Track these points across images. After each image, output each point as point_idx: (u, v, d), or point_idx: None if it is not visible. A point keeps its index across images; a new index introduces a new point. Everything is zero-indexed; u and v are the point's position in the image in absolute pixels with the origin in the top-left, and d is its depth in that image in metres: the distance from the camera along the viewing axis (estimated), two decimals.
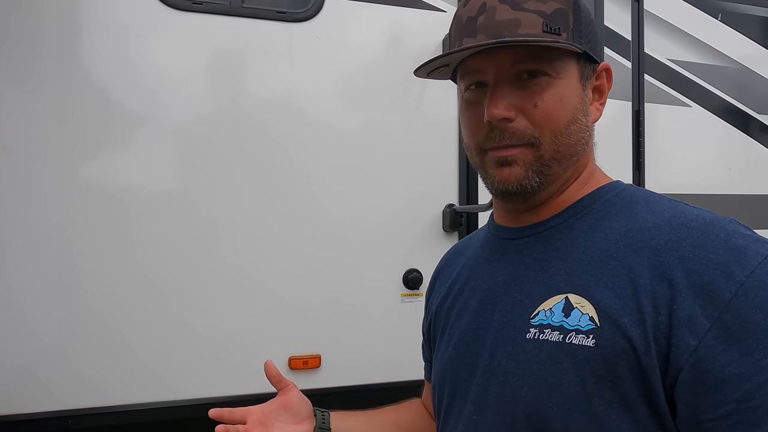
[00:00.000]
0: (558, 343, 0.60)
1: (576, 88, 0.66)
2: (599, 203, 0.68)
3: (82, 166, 1.67)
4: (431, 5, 1.96)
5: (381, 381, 1.90)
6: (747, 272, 0.53)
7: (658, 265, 0.57)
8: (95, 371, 1.65)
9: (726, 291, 0.53)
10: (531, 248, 0.69)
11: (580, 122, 0.67)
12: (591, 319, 0.58)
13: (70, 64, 1.66)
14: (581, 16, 0.66)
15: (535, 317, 0.63)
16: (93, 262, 1.66)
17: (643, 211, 0.64)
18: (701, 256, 0.56)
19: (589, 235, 0.65)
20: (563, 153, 0.66)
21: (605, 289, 0.59)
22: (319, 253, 1.85)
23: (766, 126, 2.41)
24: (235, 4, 1.78)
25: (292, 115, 1.83)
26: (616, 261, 0.60)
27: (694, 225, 0.59)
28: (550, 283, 0.64)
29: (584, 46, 0.65)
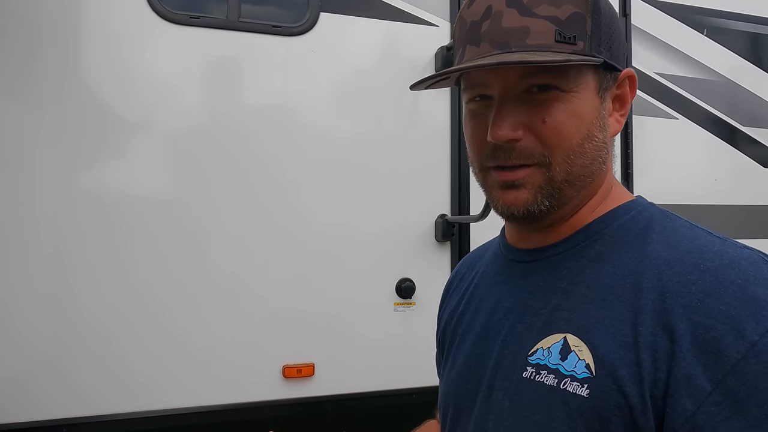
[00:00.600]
0: (552, 387, 0.55)
1: (592, 102, 0.59)
2: (612, 228, 0.61)
3: (76, 176, 1.69)
4: (423, 20, 2.01)
5: (374, 389, 1.92)
6: (762, 330, 0.46)
7: (662, 312, 0.51)
8: (89, 380, 1.66)
9: (734, 351, 0.46)
10: (537, 275, 0.64)
11: (597, 139, 0.60)
12: (587, 367, 0.53)
13: (67, 78, 1.68)
14: (601, 20, 0.58)
15: (533, 355, 0.59)
16: (86, 272, 1.67)
17: (657, 242, 0.57)
18: (710, 305, 0.48)
19: (597, 267, 0.59)
20: (577, 174, 0.59)
21: (605, 334, 0.53)
22: (312, 262, 1.87)
23: (751, 138, 2.47)
24: (232, 18, 1.82)
25: (287, 126, 1.87)
26: (620, 302, 0.54)
27: (708, 266, 0.51)
28: (551, 319, 0.59)
29: (604, 54, 0.58)
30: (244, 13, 1.83)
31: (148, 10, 1.75)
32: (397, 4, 1.97)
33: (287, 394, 1.83)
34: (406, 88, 2.08)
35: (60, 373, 1.64)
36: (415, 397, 1.97)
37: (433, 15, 2.02)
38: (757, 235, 2.42)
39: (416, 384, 1.97)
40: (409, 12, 1.99)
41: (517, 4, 0.56)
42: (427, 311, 1.98)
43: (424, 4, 2.00)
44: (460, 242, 2.02)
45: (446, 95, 2.03)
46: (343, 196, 1.91)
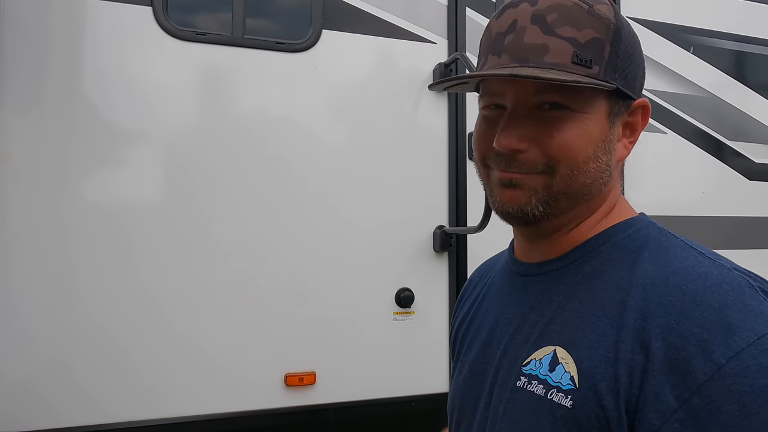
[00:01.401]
0: (541, 397, 0.59)
1: (601, 125, 0.61)
2: (608, 245, 0.63)
3: (82, 182, 1.72)
4: (422, 37, 2.07)
5: (375, 397, 1.96)
6: (730, 354, 0.48)
7: (641, 331, 0.53)
8: (95, 388, 1.69)
9: (701, 372, 0.48)
10: (537, 289, 0.67)
11: (601, 161, 0.62)
12: (571, 379, 0.56)
13: (73, 91, 1.72)
14: (620, 48, 0.60)
15: (527, 365, 0.62)
16: (92, 279, 1.70)
17: (648, 261, 0.59)
18: (685, 328, 0.51)
19: (591, 283, 0.61)
20: (575, 190, 0.62)
21: (590, 348, 0.56)
22: (313, 271, 1.92)
23: (736, 151, 2.55)
24: (237, 35, 1.87)
25: (289, 139, 1.91)
26: (607, 318, 0.57)
27: (690, 288, 0.53)
28: (545, 331, 0.62)
29: (618, 81, 0.60)
30: (249, 29, 1.89)
31: (155, 27, 1.79)
32: (397, 22, 2.04)
33: (289, 402, 1.87)
34: (405, 103, 2.15)
35: (68, 380, 1.66)
36: (414, 404, 2.01)
37: (432, 33, 2.08)
38: (743, 245, 2.50)
39: (415, 392, 2.01)
40: (409, 30, 2.05)
41: (541, 22, 0.59)
42: (425, 320, 2.03)
43: (423, 22, 2.07)
44: (457, 253, 2.07)
45: (444, 109, 2.09)
46: (344, 207, 1.96)
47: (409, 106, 2.06)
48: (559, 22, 0.58)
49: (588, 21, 0.59)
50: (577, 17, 0.59)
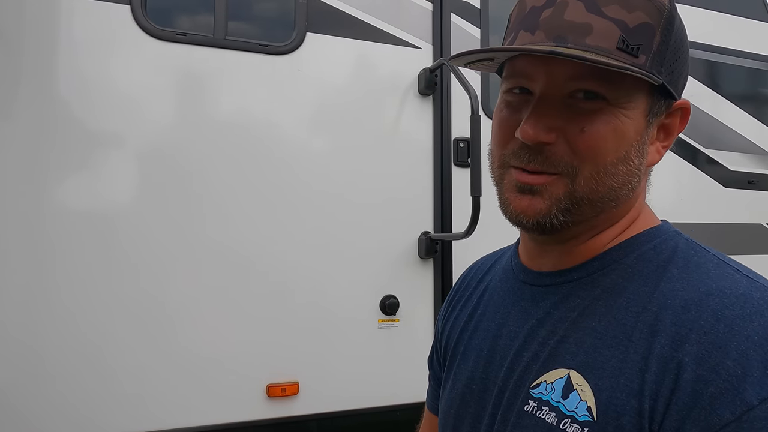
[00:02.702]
0: (552, 426, 0.53)
1: (638, 124, 0.54)
2: (631, 258, 0.57)
3: (58, 185, 1.65)
4: (407, 42, 2.06)
5: (359, 407, 1.92)
6: (764, 395, 0.42)
7: (670, 360, 0.47)
8: (71, 399, 1.61)
9: (728, 411, 0.43)
10: (548, 302, 0.60)
11: (632, 164, 0.55)
12: (588, 410, 0.50)
13: (49, 91, 1.65)
14: (671, 39, 0.53)
15: (536, 388, 0.56)
16: (67, 286, 1.63)
17: (677, 278, 0.52)
18: (717, 359, 0.45)
19: (610, 299, 0.55)
20: (601, 195, 0.55)
21: (611, 376, 0.50)
22: (296, 279, 1.87)
23: (711, 159, 2.61)
24: (219, 36, 1.82)
25: (270, 144, 1.87)
26: (630, 342, 0.51)
27: (727, 315, 0.47)
28: (557, 351, 0.56)
29: (664, 76, 0.53)
30: (231, 31, 1.84)
31: (134, 26, 1.74)
32: (382, 26, 2.02)
33: (271, 413, 1.81)
34: (390, 108, 2.13)
35: (48, 392, 1.58)
36: (399, 414, 1.98)
37: (417, 38, 2.07)
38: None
39: (400, 401, 1.98)
40: (394, 34, 2.03)
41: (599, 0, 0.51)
42: (410, 328, 2.00)
43: (408, 26, 2.06)
44: (442, 259, 2.05)
45: (429, 114, 2.08)
46: (327, 213, 1.92)
47: (394, 111, 2.04)
48: None
49: (640, 2, 0.51)
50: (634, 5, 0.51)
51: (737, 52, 2.70)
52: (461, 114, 2.08)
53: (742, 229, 2.61)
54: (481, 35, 2.16)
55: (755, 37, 2.76)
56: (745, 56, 2.73)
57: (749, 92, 2.78)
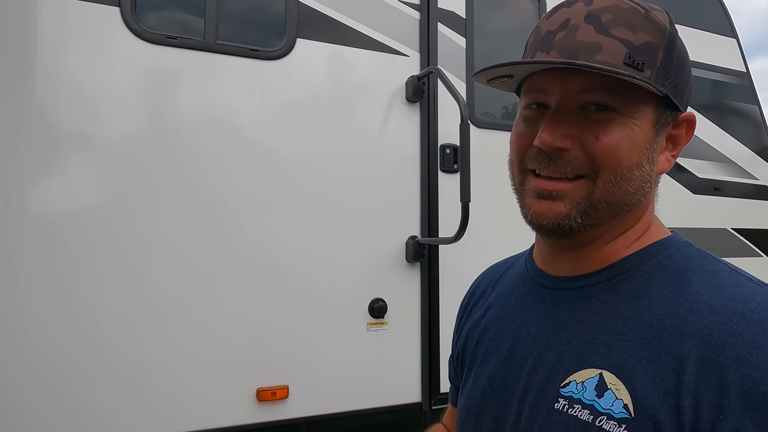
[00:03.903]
0: (587, 423, 0.55)
1: (647, 133, 0.59)
2: (648, 264, 0.60)
3: (38, 188, 1.62)
4: (395, 50, 2.10)
5: (348, 409, 1.94)
6: None
7: (708, 362, 0.50)
8: (45, 410, 1.58)
9: None
10: (568, 304, 0.63)
11: (644, 170, 0.59)
12: (625, 407, 0.53)
13: (37, 94, 1.62)
14: (673, 56, 0.59)
15: (566, 387, 0.58)
16: (46, 289, 1.60)
17: (698, 284, 0.56)
18: (759, 359, 0.48)
19: (633, 303, 0.58)
20: (617, 199, 0.59)
21: (644, 376, 0.53)
22: (285, 283, 1.88)
23: (681, 166, 2.73)
24: (209, 40, 1.82)
25: (259, 149, 1.88)
26: (659, 343, 0.54)
27: (755, 317, 0.51)
28: (584, 352, 0.59)
29: (668, 89, 0.58)
30: (222, 35, 1.84)
31: (124, 29, 1.72)
32: (371, 34, 2.05)
33: (261, 417, 1.81)
34: (378, 114, 2.16)
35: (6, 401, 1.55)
36: (387, 415, 2.01)
37: (404, 45, 2.11)
38: None
39: (388, 403, 2.01)
40: (382, 42, 2.07)
41: (595, 21, 0.57)
42: (398, 330, 2.04)
43: (396, 35, 2.10)
44: (429, 263, 2.10)
45: (416, 120, 2.12)
46: (316, 218, 1.94)
47: (382, 118, 2.07)
48: (614, 22, 0.57)
49: (643, 25, 0.57)
50: (633, 20, 0.57)
51: (703, 65, 2.84)
52: (448, 121, 2.13)
53: (709, 233, 2.75)
54: (466, 44, 2.21)
55: (719, 51, 2.91)
56: (711, 69, 2.88)
57: (714, 103, 2.93)
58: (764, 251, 2.89)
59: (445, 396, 2.08)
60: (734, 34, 2.96)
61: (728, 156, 2.88)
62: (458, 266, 2.11)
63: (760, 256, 2.88)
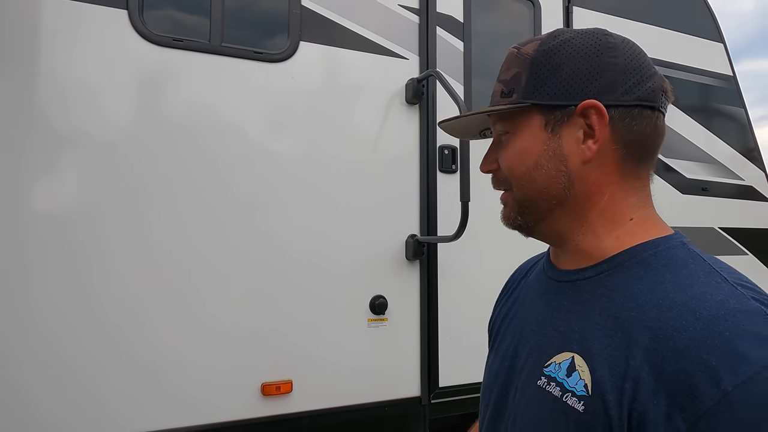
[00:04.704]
0: (557, 398, 0.63)
1: (537, 138, 0.68)
2: (633, 262, 0.66)
3: (45, 188, 1.65)
4: (395, 53, 2.15)
5: (350, 403, 1.99)
6: (736, 382, 0.50)
7: (652, 352, 0.56)
8: (53, 406, 1.61)
9: (708, 398, 0.50)
10: (564, 295, 0.72)
11: (546, 167, 0.68)
12: (585, 386, 0.61)
13: (45, 95, 1.65)
14: (540, 71, 0.68)
15: (548, 367, 0.67)
16: (54, 287, 1.63)
17: (670, 282, 0.61)
18: (694, 353, 0.53)
19: (611, 296, 0.65)
20: (533, 195, 0.70)
21: (604, 361, 0.60)
22: (289, 280, 1.93)
23: (670, 166, 2.82)
24: (215, 42, 1.86)
25: (264, 150, 1.92)
26: (621, 333, 0.60)
27: (705, 315, 0.55)
28: (567, 337, 0.67)
29: (543, 97, 0.67)
30: (227, 38, 1.88)
31: (132, 32, 1.75)
32: (372, 38, 2.10)
33: (267, 411, 1.86)
34: (378, 115, 2.21)
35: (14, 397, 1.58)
36: (387, 409, 2.06)
37: (404, 49, 2.16)
38: None
39: (388, 397, 2.06)
40: (383, 45, 2.12)
41: (500, 73, 0.74)
42: (399, 326, 2.09)
43: (396, 38, 2.15)
44: (428, 260, 2.15)
45: (416, 121, 2.17)
46: (319, 217, 1.99)
47: (382, 119, 2.13)
48: (502, 69, 0.73)
49: (515, 61, 0.71)
50: (511, 61, 0.72)
51: (691, 68, 2.93)
52: None
53: (697, 232, 2.83)
54: (464, 48, 2.27)
55: (707, 55, 3.00)
56: (698, 72, 2.97)
57: (702, 106, 3.02)
58: (750, 250, 2.98)
59: (443, 390, 2.15)
60: (721, 38, 3.05)
61: (715, 157, 2.97)
62: (456, 264, 2.17)
63: (745, 255, 2.97)
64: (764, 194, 3.11)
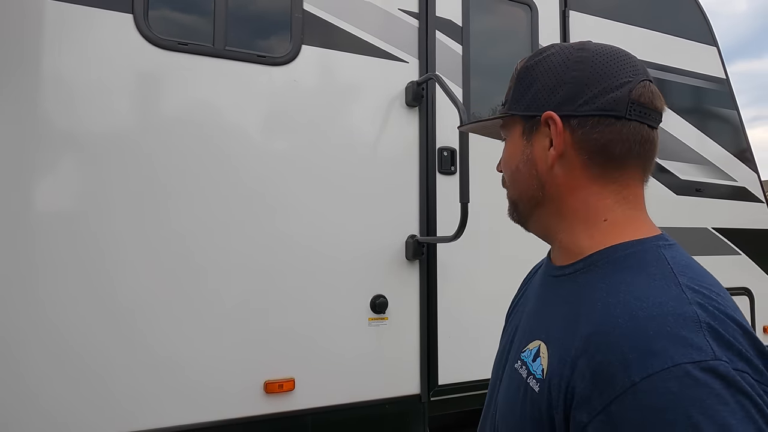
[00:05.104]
0: (522, 379, 0.73)
1: (516, 144, 0.78)
2: (605, 261, 0.71)
3: (58, 188, 1.68)
4: (396, 56, 2.18)
5: (351, 401, 2.02)
6: (644, 375, 0.57)
7: (589, 344, 0.63)
8: (63, 401, 1.64)
9: (620, 385, 0.58)
10: (552, 288, 0.79)
11: (522, 172, 0.76)
12: (542, 371, 0.69)
13: (48, 97, 1.68)
14: (521, 84, 0.77)
15: (524, 352, 0.75)
16: (60, 285, 1.66)
17: (628, 283, 0.66)
18: (618, 347, 0.60)
19: (581, 292, 0.70)
20: (518, 196, 0.79)
21: (560, 349, 0.67)
22: (291, 280, 1.96)
23: (664, 168, 2.86)
24: (219, 46, 1.89)
25: (265, 150, 1.96)
26: (576, 325, 0.66)
27: (639, 315, 0.61)
28: (541, 327, 0.75)
29: (519, 109, 0.76)
30: (231, 42, 1.91)
31: (137, 35, 1.78)
32: (373, 41, 2.14)
33: (269, 408, 1.89)
34: (379, 117, 2.25)
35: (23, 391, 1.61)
36: (387, 407, 2.10)
37: (404, 52, 2.20)
38: None
39: (389, 394, 2.10)
40: (383, 48, 2.16)
41: None
42: (399, 325, 2.13)
43: (396, 42, 2.18)
44: (428, 260, 2.19)
45: (415, 123, 2.21)
46: (320, 217, 2.02)
47: (383, 121, 2.16)
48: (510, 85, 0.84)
49: (513, 77, 0.81)
50: (511, 76, 0.81)
51: (685, 71, 2.98)
52: (445, 125, 2.22)
53: (691, 232, 2.88)
54: (462, 51, 2.31)
55: (701, 59, 3.05)
56: (692, 76, 3.02)
57: (695, 108, 3.07)
58: (742, 249, 3.04)
59: (442, 388, 2.19)
60: (715, 42, 3.10)
61: (709, 159, 3.02)
62: (455, 264, 2.21)
63: (738, 254, 3.02)
64: (757, 195, 3.17)
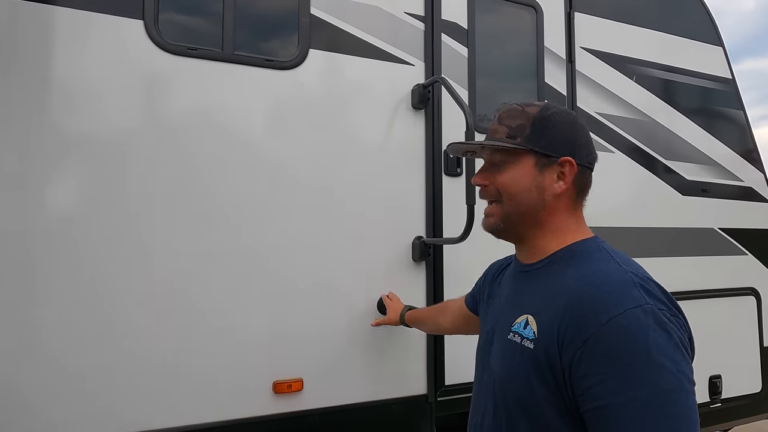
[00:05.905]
0: (517, 343, 0.99)
1: (529, 172, 1.03)
2: (566, 255, 1.03)
3: (68, 191, 1.71)
4: (402, 59, 2.20)
5: (358, 401, 2.04)
6: (607, 318, 0.85)
7: (569, 308, 0.91)
8: (71, 401, 1.67)
9: (593, 327, 0.86)
10: (525, 280, 1.09)
11: (528, 195, 1.03)
12: (534, 333, 0.96)
13: (59, 103, 1.71)
14: (539, 128, 1.03)
15: (515, 325, 1.02)
16: (70, 281, 1.69)
17: (585, 267, 0.97)
18: (588, 303, 0.89)
19: (552, 278, 1.01)
20: (514, 212, 1.05)
21: (546, 315, 0.95)
22: (299, 281, 1.98)
23: (670, 168, 2.87)
24: (227, 51, 1.92)
25: (275, 152, 1.98)
26: (557, 298, 0.94)
27: (598, 283, 0.91)
28: (524, 306, 1.03)
29: (536, 145, 1.02)
30: (239, 46, 1.94)
31: (147, 40, 1.81)
32: (379, 45, 2.16)
33: (278, 408, 1.92)
34: (386, 119, 2.28)
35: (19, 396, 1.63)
36: (394, 407, 2.12)
37: (410, 55, 2.22)
38: (677, 253, 2.80)
39: (396, 395, 2.12)
40: (390, 52, 2.18)
41: (500, 120, 1.08)
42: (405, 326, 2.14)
43: (403, 45, 2.20)
44: (434, 262, 2.21)
45: (422, 125, 2.23)
46: (329, 219, 2.04)
47: (390, 123, 2.18)
48: (505, 117, 1.08)
49: (520, 115, 1.06)
50: (515, 114, 1.06)
51: (691, 72, 2.98)
52: (451, 127, 2.24)
53: (698, 233, 2.88)
54: (468, 54, 2.33)
55: (707, 59, 3.05)
56: (698, 76, 3.02)
57: (701, 108, 3.07)
58: (749, 250, 3.03)
59: (449, 388, 2.20)
60: (720, 42, 3.10)
61: (715, 159, 3.02)
62: (462, 265, 2.22)
63: (745, 255, 3.02)
64: (763, 195, 3.16)
